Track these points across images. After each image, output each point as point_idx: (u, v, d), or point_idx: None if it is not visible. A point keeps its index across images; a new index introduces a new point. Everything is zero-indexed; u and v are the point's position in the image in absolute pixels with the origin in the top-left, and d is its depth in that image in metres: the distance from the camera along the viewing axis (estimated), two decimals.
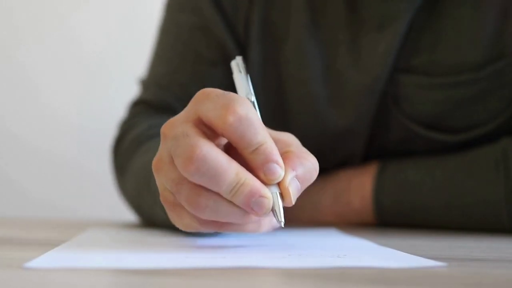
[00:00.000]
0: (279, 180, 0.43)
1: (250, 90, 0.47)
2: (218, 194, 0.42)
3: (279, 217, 0.43)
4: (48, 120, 1.47)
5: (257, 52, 0.74)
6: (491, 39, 0.69)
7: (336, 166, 0.77)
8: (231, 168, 0.41)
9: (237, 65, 0.49)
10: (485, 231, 0.67)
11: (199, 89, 0.78)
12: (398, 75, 0.71)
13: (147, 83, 0.80)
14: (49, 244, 0.47)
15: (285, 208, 0.45)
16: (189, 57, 0.76)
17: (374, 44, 0.70)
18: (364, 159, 0.76)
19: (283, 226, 0.43)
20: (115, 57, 1.47)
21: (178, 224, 0.46)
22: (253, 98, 0.47)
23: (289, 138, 0.46)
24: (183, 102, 0.74)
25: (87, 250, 0.45)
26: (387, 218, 0.73)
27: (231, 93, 0.43)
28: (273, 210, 0.42)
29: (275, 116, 0.75)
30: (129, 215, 0.79)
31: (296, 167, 0.43)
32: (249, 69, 0.74)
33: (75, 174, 1.46)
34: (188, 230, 0.46)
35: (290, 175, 0.43)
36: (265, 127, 0.44)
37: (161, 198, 0.46)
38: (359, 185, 0.74)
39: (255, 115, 0.42)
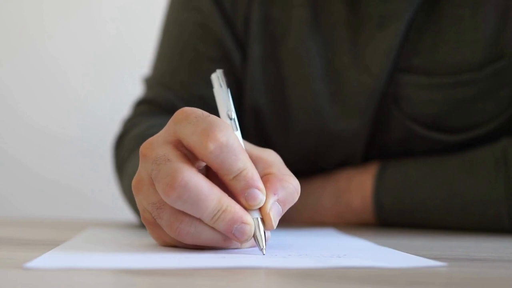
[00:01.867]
0: (261, 205, 0.43)
1: (231, 106, 0.46)
2: (199, 220, 0.42)
3: (260, 244, 0.42)
4: (46, 123, 1.47)
5: (257, 49, 0.74)
6: (491, 39, 0.69)
7: (336, 166, 0.77)
8: (212, 195, 0.41)
9: (217, 78, 0.48)
10: (485, 231, 0.67)
11: (199, 87, 0.78)
12: (399, 75, 0.71)
13: (150, 82, 0.80)
14: (49, 244, 0.47)
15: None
16: (189, 55, 0.76)
17: (374, 43, 0.70)
18: (365, 159, 0.76)
19: (264, 253, 0.42)
20: (113, 59, 1.47)
21: (157, 242, 0.46)
22: (234, 115, 0.46)
23: (271, 157, 0.46)
24: (186, 100, 0.75)
25: (87, 250, 0.45)
26: (387, 218, 0.73)
27: (211, 116, 0.43)
28: (254, 236, 0.42)
29: (276, 114, 0.75)
30: (128, 216, 0.79)
31: (277, 190, 0.43)
32: (249, 66, 0.75)
33: (74, 173, 1.46)
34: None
35: (272, 199, 0.43)
36: (245, 147, 0.43)
37: (141, 218, 0.45)
38: (360, 185, 0.74)
39: (235, 140, 0.42)
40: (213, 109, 0.47)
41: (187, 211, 0.42)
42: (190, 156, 0.43)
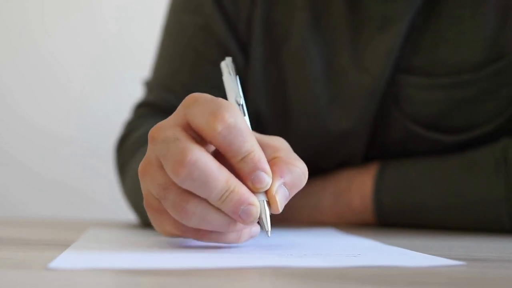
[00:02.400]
0: (267, 188, 0.43)
1: (239, 92, 0.47)
2: (206, 201, 0.42)
3: (265, 226, 0.43)
4: (47, 122, 1.47)
5: (259, 51, 0.74)
6: (491, 39, 0.69)
7: (336, 166, 0.77)
8: (221, 175, 0.41)
9: (226, 66, 0.49)
10: (485, 231, 0.67)
11: (201, 90, 0.78)
12: (399, 76, 0.71)
13: (151, 85, 0.80)
14: (50, 244, 0.47)
15: (284, 209, 0.44)
16: (190, 57, 0.76)
17: (375, 44, 0.70)
18: (365, 159, 0.76)
19: (269, 235, 0.43)
20: (113, 59, 1.48)
21: (158, 230, 0.46)
22: (242, 101, 0.46)
23: (278, 143, 0.46)
24: None
25: (92, 251, 0.45)
26: (387, 218, 0.73)
27: (220, 99, 0.43)
28: (260, 218, 0.43)
29: (276, 115, 0.75)
30: (129, 216, 0.79)
31: (283, 174, 0.43)
32: (251, 68, 0.75)
33: (74, 173, 1.46)
34: (167, 236, 0.46)
35: (278, 182, 0.43)
36: (253, 133, 0.43)
37: (144, 203, 0.45)
38: (360, 185, 0.74)
39: (243, 122, 0.42)
40: None
41: (195, 191, 0.42)
42: (198, 140, 0.43)
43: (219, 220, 0.43)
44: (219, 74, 0.50)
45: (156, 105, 0.77)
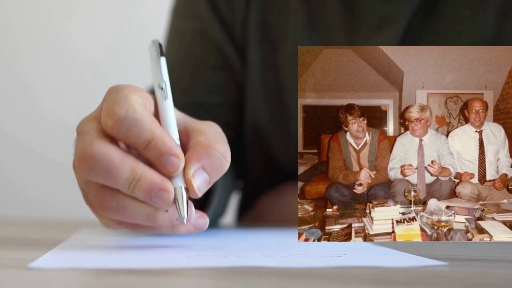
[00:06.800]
0: (180, 171, 0.42)
1: (161, 76, 0.46)
2: (121, 193, 0.42)
3: (181, 213, 0.42)
4: (47, 123, 1.47)
5: (256, 55, 0.74)
6: (490, 40, 0.69)
7: None
8: (125, 164, 0.41)
9: (152, 49, 0.48)
10: None
11: (200, 94, 0.78)
12: None
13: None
14: (51, 244, 0.47)
15: (285, 209, 0.44)
16: (190, 62, 0.76)
17: (372, 44, 0.70)
18: None
19: (184, 222, 0.41)
20: (111, 62, 1.48)
21: (101, 223, 0.46)
22: (163, 85, 0.46)
23: (205, 128, 0.45)
24: (188, 108, 0.75)
25: (85, 251, 0.45)
26: None
27: (121, 91, 0.42)
28: (176, 204, 0.42)
29: (275, 118, 0.75)
30: None
31: (201, 158, 0.42)
32: (248, 72, 0.75)
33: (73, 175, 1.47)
34: (110, 230, 0.46)
35: (194, 167, 0.42)
36: (153, 121, 0.42)
37: (84, 199, 0.45)
38: None
39: (137, 113, 0.41)
40: (216, 115, 0.47)
41: (103, 183, 0.41)
42: None
43: (138, 210, 0.42)
44: (218, 78, 0.50)
45: None
